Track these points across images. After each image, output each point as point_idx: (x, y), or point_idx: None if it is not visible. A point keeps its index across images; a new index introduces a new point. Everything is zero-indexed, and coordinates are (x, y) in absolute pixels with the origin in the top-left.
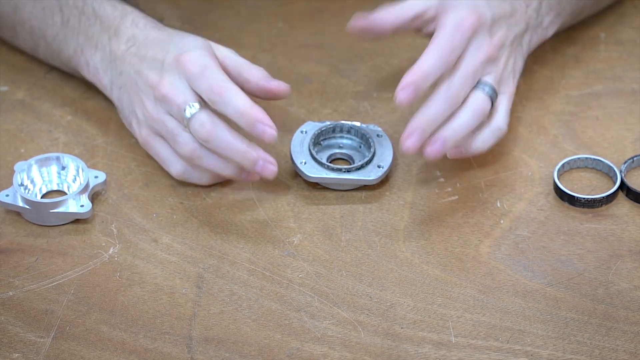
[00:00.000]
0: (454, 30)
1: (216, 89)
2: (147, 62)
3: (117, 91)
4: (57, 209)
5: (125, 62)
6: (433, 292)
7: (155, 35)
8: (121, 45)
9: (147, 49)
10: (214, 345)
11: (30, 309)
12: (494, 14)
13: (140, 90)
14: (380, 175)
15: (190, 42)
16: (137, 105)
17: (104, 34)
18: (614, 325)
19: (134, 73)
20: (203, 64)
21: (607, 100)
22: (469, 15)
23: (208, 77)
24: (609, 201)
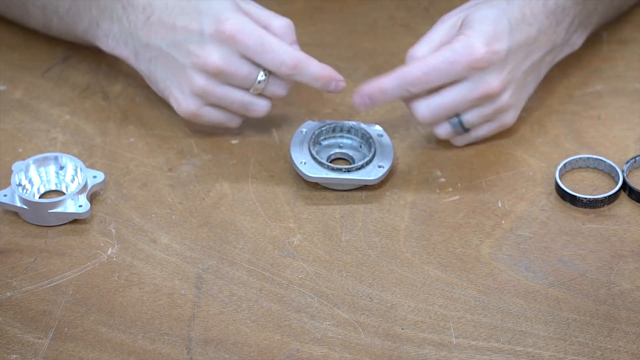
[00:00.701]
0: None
1: (290, 62)
2: (181, 34)
3: (146, 63)
4: (55, 209)
5: (151, 33)
6: (434, 293)
7: (173, 2)
8: (139, 15)
9: (172, 17)
10: (213, 346)
11: (28, 310)
12: (513, 43)
13: (182, 65)
14: (381, 175)
15: (219, 5)
16: (180, 80)
17: (117, 4)
18: (616, 326)
19: (166, 46)
20: (255, 35)
21: (609, 99)
22: (477, 53)
23: (273, 50)
24: (611, 201)
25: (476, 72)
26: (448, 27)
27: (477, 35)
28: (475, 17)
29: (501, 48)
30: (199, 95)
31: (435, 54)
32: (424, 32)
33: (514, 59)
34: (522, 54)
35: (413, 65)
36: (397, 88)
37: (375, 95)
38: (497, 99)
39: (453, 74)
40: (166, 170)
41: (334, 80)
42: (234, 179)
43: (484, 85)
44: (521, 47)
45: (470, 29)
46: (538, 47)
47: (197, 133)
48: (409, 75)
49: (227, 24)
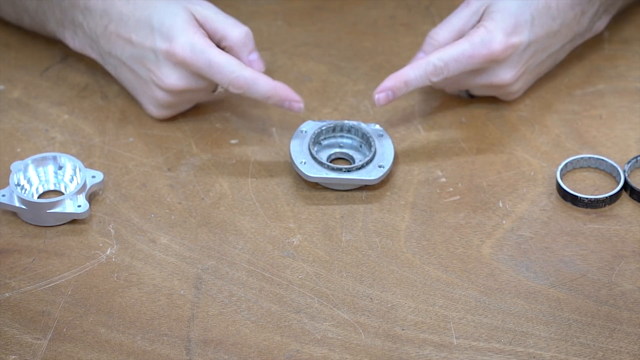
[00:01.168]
0: (467, 54)
1: (236, 83)
2: (138, 50)
3: (113, 69)
4: (54, 209)
5: (110, 43)
6: (434, 294)
7: (127, 12)
8: (98, 22)
9: (128, 30)
10: (212, 347)
11: (26, 311)
12: (532, 37)
13: (143, 80)
14: (381, 175)
15: (170, 21)
16: (146, 92)
17: (75, 10)
18: (618, 326)
19: (127, 59)
20: (203, 57)
21: (610, 99)
22: (496, 46)
23: (220, 72)
24: (612, 201)
25: (493, 64)
26: (471, 12)
27: (496, 29)
28: (498, 8)
29: (519, 42)
30: (165, 107)
31: (456, 46)
32: (425, 32)
33: (532, 53)
34: (540, 47)
35: (434, 56)
36: (420, 78)
37: (399, 87)
38: (507, 88)
39: (471, 66)
40: (165, 170)
41: (287, 100)
42: (233, 179)
43: (497, 77)
44: (540, 41)
45: (491, 20)
46: (559, 39)
47: (197, 133)
48: (431, 66)
49: (176, 46)
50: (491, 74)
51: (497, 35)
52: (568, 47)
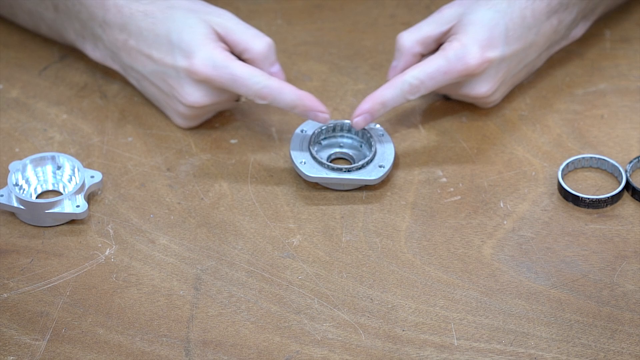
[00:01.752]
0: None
1: (261, 94)
2: (159, 66)
3: (135, 81)
4: (52, 209)
5: (131, 57)
6: (435, 294)
7: (146, 27)
8: (117, 37)
9: (147, 46)
10: (212, 348)
11: (25, 311)
12: (507, 50)
13: (166, 95)
14: (382, 175)
15: (189, 36)
16: (170, 105)
17: (94, 23)
18: (619, 327)
19: (148, 74)
20: (225, 72)
21: (612, 98)
22: (471, 60)
23: (244, 84)
24: (614, 201)
25: (469, 77)
26: (442, 20)
27: (471, 43)
28: (472, 20)
29: (494, 56)
30: (191, 118)
31: (431, 63)
32: None
33: (507, 65)
34: (515, 59)
35: (410, 74)
36: (396, 98)
37: (377, 109)
38: (484, 99)
39: (447, 81)
40: (164, 170)
41: (312, 110)
42: (233, 179)
43: (473, 90)
44: (517, 53)
45: (465, 34)
46: (535, 49)
47: (196, 132)
48: (406, 85)
49: (196, 63)
50: (467, 86)
51: (472, 49)
52: (544, 56)
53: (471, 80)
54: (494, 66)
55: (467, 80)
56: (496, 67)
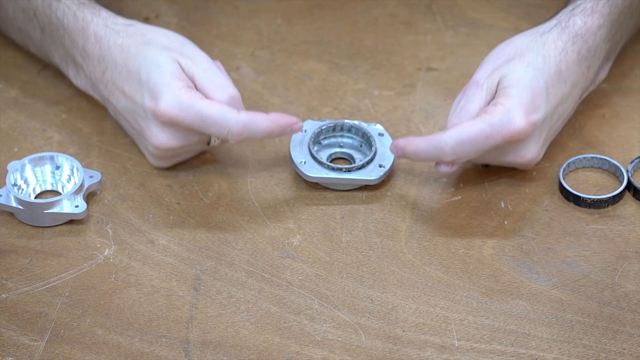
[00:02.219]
0: (485, 134)
1: (235, 131)
2: (130, 102)
3: (113, 114)
4: (51, 209)
5: (108, 90)
6: (435, 295)
7: (121, 61)
8: (96, 67)
9: (121, 80)
10: (211, 349)
11: (23, 312)
12: (548, 110)
13: (138, 134)
14: (382, 174)
15: (157, 76)
16: (141, 142)
17: (75, 51)
18: (621, 328)
19: (122, 109)
20: (192, 112)
21: (613, 98)
22: (517, 125)
23: (214, 124)
24: (615, 201)
25: (513, 143)
26: (484, 92)
27: (515, 107)
28: (512, 82)
29: (539, 117)
30: (161, 159)
31: (472, 125)
32: (426, 30)
33: (549, 123)
34: (556, 115)
35: (449, 133)
36: (429, 153)
37: (407, 153)
38: (531, 162)
39: (488, 147)
40: (164, 170)
41: (287, 126)
42: (232, 179)
43: (520, 156)
44: (556, 109)
45: (508, 97)
46: (570, 103)
47: None
48: (443, 144)
49: (162, 105)
50: (512, 153)
51: (517, 114)
52: (577, 105)
53: (515, 147)
54: (538, 128)
55: (511, 146)
56: (540, 129)
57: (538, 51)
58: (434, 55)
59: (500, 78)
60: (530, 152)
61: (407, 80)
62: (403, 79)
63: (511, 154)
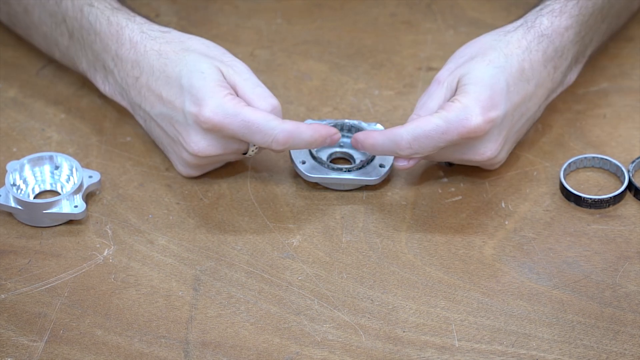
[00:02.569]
0: (441, 130)
1: (280, 139)
2: (168, 108)
3: (142, 121)
4: (50, 209)
5: (141, 96)
6: (436, 295)
7: (159, 67)
8: (129, 72)
9: (158, 86)
10: (211, 349)
11: (22, 312)
12: (509, 107)
13: (172, 140)
14: (382, 175)
15: (200, 82)
16: (174, 151)
17: (107, 55)
18: (622, 328)
19: (156, 115)
20: (237, 120)
21: (614, 98)
22: (473, 126)
23: (259, 131)
24: (616, 201)
25: (470, 140)
26: (444, 90)
27: (472, 104)
28: (472, 79)
29: (497, 115)
30: (194, 167)
31: (428, 120)
32: (426, 29)
33: (510, 121)
34: (518, 114)
35: (405, 128)
36: (387, 147)
37: (366, 145)
38: (490, 160)
39: (445, 142)
40: (163, 169)
41: (328, 136)
42: (232, 179)
43: (477, 154)
44: (518, 107)
45: (466, 94)
46: (535, 102)
47: None
48: (399, 138)
49: (205, 111)
50: (470, 150)
51: (474, 111)
52: (543, 106)
53: (474, 144)
54: (497, 126)
55: (469, 143)
56: (499, 127)
57: (501, 49)
58: (434, 54)
59: (461, 76)
60: (489, 150)
61: (408, 80)
62: (403, 79)
63: (469, 152)
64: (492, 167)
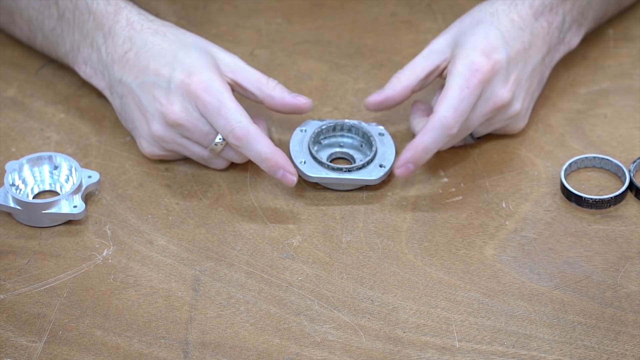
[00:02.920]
0: (463, 86)
1: (238, 133)
2: (151, 77)
3: (118, 99)
4: (49, 209)
5: (125, 69)
6: (436, 296)
7: (154, 41)
8: (117, 49)
9: (147, 57)
10: (210, 350)
11: (21, 313)
12: (511, 51)
13: (144, 109)
14: (382, 175)
15: (196, 59)
16: (142, 124)
17: (98, 32)
18: (623, 329)
19: (136, 86)
20: (218, 97)
21: (615, 97)
22: (481, 66)
23: (226, 117)
24: (617, 202)
25: (487, 87)
26: (436, 52)
27: (472, 53)
28: (466, 38)
29: (500, 57)
30: (157, 142)
31: (451, 88)
32: (426, 29)
33: (516, 66)
34: (522, 60)
35: (440, 110)
36: (438, 138)
37: (419, 156)
38: (508, 108)
39: (475, 96)
40: (163, 169)
41: (281, 169)
42: (232, 179)
43: (494, 98)
44: (519, 53)
45: (464, 49)
46: (535, 51)
47: None
48: (443, 120)
49: (194, 79)
50: (487, 97)
51: (477, 56)
52: (547, 62)
53: (489, 90)
54: (504, 67)
55: (486, 91)
56: (506, 69)
57: (486, 10)
58: None
59: (456, 42)
60: (503, 92)
61: None
62: None
63: (487, 100)
64: (515, 122)
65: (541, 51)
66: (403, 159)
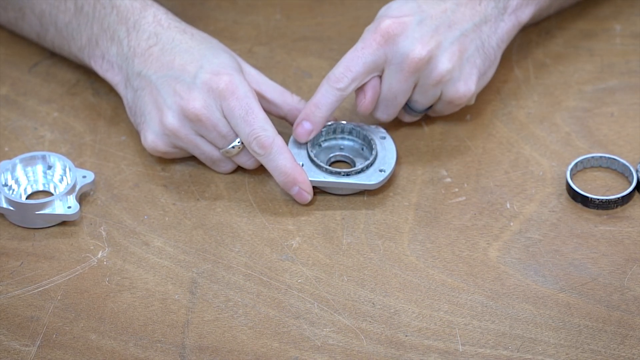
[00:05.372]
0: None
1: (264, 142)
2: (175, 71)
3: (133, 92)
4: (43, 210)
5: (147, 63)
6: (439, 298)
7: (181, 39)
8: (141, 43)
9: (174, 53)
10: (208, 354)
11: (14, 316)
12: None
13: (162, 102)
14: (382, 179)
15: (224, 60)
16: (156, 116)
17: (121, 26)
18: (630, 332)
19: (156, 79)
20: (246, 102)
21: (622, 95)
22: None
23: (252, 123)
24: (624, 202)
25: (393, 47)
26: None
27: (381, 17)
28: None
29: (408, 19)
30: (168, 136)
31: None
32: None
33: (432, 27)
34: (442, 23)
35: (333, 69)
36: (326, 92)
37: (311, 112)
38: (431, 68)
39: (371, 55)
40: (159, 169)
41: (297, 185)
42: (230, 179)
43: (407, 57)
44: (436, 16)
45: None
46: (463, 18)
47: None
48: (331, 74)
49: (223, 78)
50: (401, 57)
51: (383, 19)
52: (488, 30)
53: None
54: (412, 27)
55: (394, 51)
56: (417, 29)
57: None
58: None
59: None
60: (416, 47)
61: None
62: None
63: (400, 61)
64: (453, 90)
65: (472, 19)
66: (298, 118)
